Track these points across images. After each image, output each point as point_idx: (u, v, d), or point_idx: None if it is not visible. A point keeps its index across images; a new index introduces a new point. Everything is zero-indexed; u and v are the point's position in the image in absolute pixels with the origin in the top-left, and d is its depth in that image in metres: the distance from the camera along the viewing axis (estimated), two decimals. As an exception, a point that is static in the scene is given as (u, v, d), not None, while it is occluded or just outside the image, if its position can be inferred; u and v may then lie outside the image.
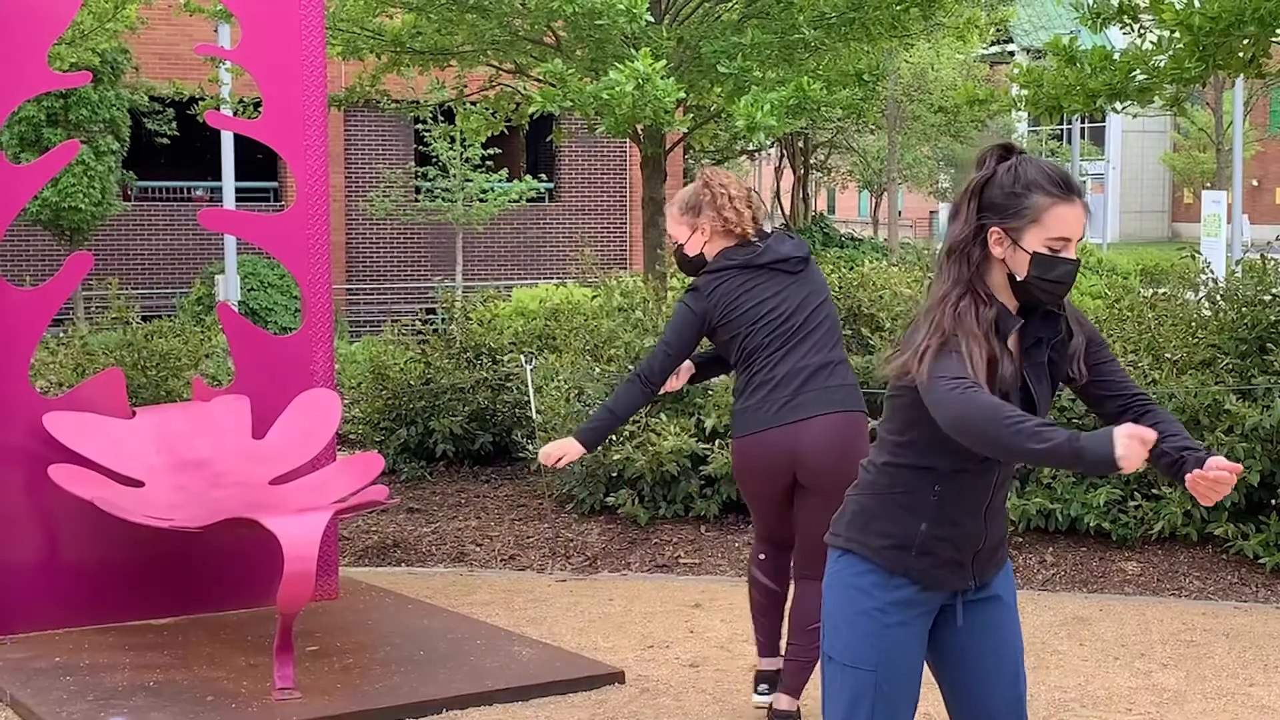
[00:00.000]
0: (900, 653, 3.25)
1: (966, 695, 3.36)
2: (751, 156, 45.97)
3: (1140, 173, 54.84)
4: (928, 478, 3.21)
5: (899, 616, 3.25)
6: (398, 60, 10.90)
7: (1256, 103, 36.43)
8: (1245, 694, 5.60)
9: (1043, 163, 3.15)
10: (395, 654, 5.96)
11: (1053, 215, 3.10)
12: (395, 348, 10.30)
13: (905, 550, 3.24)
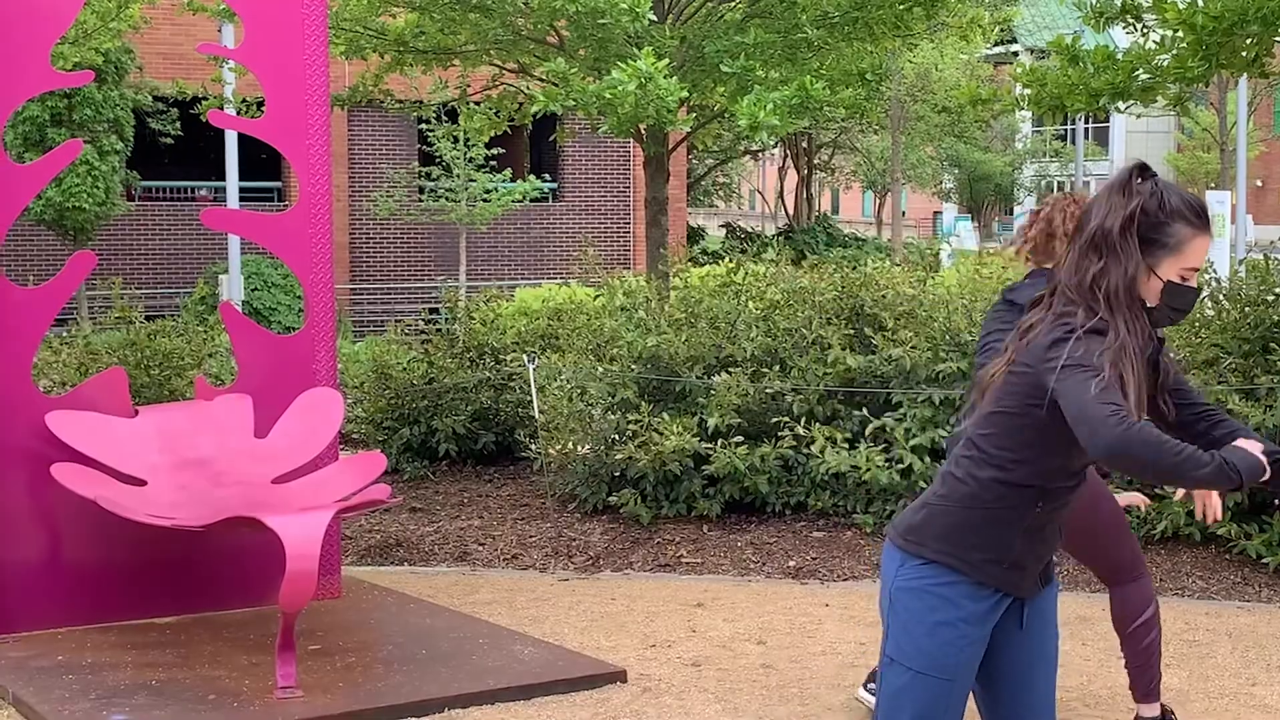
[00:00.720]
0: (973, 664, 3.27)
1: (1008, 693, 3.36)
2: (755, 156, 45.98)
3: (1144, 173, 54.66)
4: (1033, 495, 3.20)
5: (980, 629, 3.25)
6: (401, 60, 10.90)
7: (1260, 103, 36.41)
8: (1248, 694, 5.59)
9: (1182, 190, 3.17)
10: (397, 653, 5.96)
11: (1193, 245, 3.13)
12: (398, 347, 10.31)
13: (999, 564, 3.23)
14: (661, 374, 8.49)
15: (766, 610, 6.81)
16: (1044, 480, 3.19)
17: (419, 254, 24.54)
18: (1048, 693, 3.37)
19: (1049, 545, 3.29)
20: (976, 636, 3.24)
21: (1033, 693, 3.36)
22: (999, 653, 3.35)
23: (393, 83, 12.45)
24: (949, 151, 39.01)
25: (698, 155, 36.61)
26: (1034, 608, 3.35)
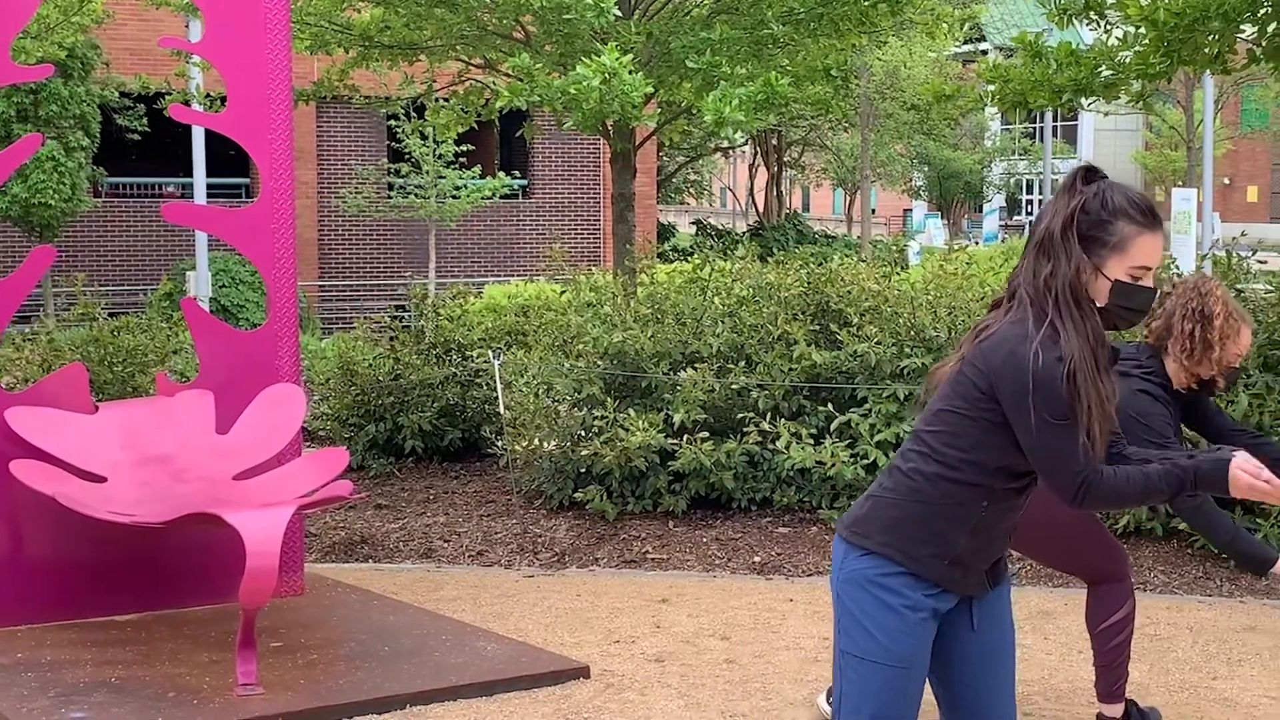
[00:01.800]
0: (923, 651, 3.27)
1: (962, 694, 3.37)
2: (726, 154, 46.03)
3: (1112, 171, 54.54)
4: (979, 494, 3.21)
5: (927, 616, 3.26)
6: (366, 55, 10.86)
7: (1227, 101, 36.61)
8: (1208, 687, 5.62)
9: (1128, 190, 3.16)
10: (360, 650, 5.94)
11: (1139, 244, 3.12)
12: (364, 344, 10.28)
13: (941, 560, 3.24)
14: (627, 370, 8.49)
15: (731, 606, 6.81)
16: (990, 480, 3.20)
17: (388, 251, 24.48)
18: (1005, 692, 3.37)
19: (996, 546, 3.29)
20: (923, 624, 3.25)
21: (990, 693, 3.36)
22: (953, 653, 3.35)
23: (362, 79, 12.42)
24: (918, 149, 39.12)
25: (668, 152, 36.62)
26: (984, 608, 3.35)
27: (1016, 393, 3.06)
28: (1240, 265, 7.78)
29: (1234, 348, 4.68)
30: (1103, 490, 3.07)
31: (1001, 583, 3.38)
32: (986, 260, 14.21)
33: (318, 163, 23.92)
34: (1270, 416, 7.12)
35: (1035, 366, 3.05)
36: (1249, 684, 5.64)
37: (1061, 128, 53.50)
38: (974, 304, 8.33)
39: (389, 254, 24.46)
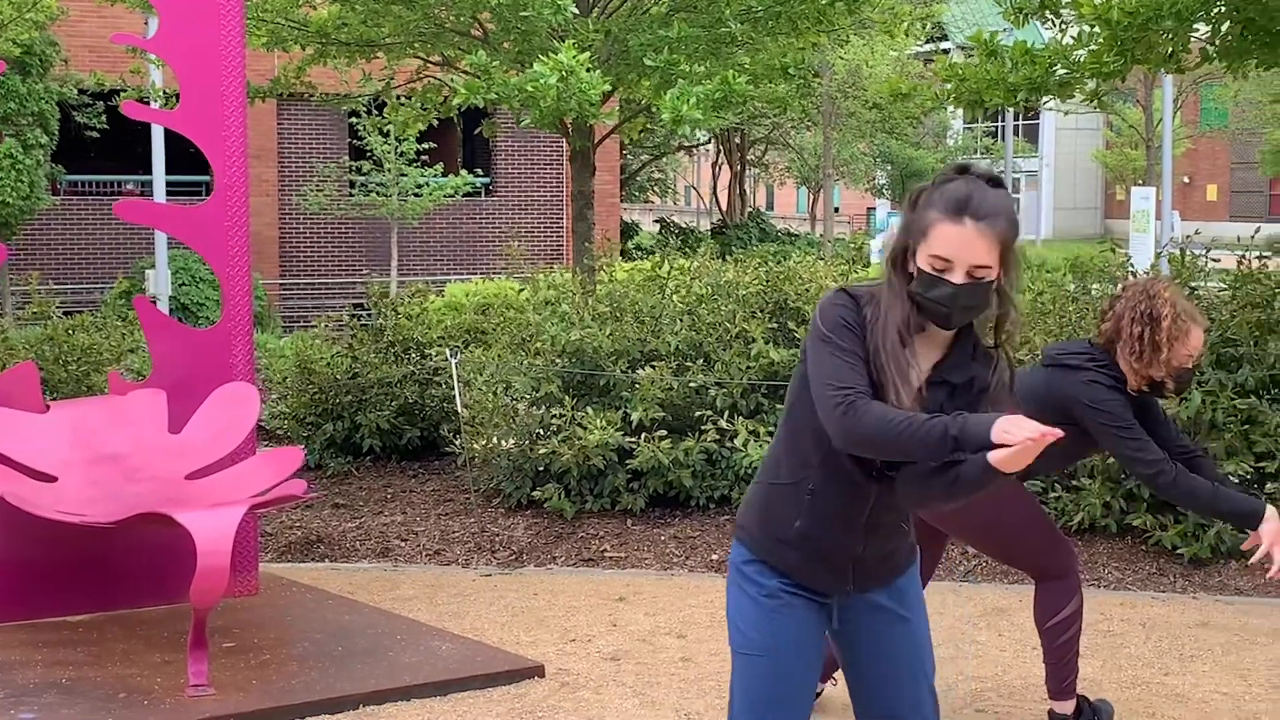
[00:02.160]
0: (787, 636, 3.27)
1: (859, 695, 3.41)
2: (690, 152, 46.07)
3: (1073, 169, 55.38)
4: (806, 472, 3.22)
5: (782, 600, 3.27)
6: (324, 52, 10.82)
7: (1187, 100, 36.86)
8: (1160, 683, 5.64)
9: (961, 186, 3.08)
10: (313, 650, 5.91)
11: (937, 233, 3.05)
12: (322, 342, 10.23)
13: (781, 543, 3.27)
14: (586, 368, 8.48)
15: (688, 604, 6.81)
16: (811, 455, 3.20)
17: (350, 249, 24.40)
18: (902, 693, 3.35)
19: (845, 540, 3.24)
20: (781, 611, 3.26)
21: (873, 708, 3.36)
22: (851, 652, 3.39)
23: (322, 76, 12.36)
24: (881, 148, 39.21)
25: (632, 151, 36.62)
26: (859, 617, 3.32)
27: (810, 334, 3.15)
28: (1194, 263, 7.83)
29: (1182, 349, 4.69)
30: (865, 418, 2.98)
31: (880, 588, 3.32)
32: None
33: (279, 160, 23.81)
34: (1223, 414, 7.16)
35: (821, 303, 3.14)
36: (1201, 680, 5.67)
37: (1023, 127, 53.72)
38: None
39: (350, 252, 24.37)
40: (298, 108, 23.07)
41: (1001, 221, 3.06)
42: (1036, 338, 8.00)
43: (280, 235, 23.97)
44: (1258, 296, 7.54)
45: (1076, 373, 4.73)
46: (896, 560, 3.35)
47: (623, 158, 32.93)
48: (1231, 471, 7.06)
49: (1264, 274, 7.65)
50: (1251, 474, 7.17)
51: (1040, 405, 4.77)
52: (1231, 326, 7.38)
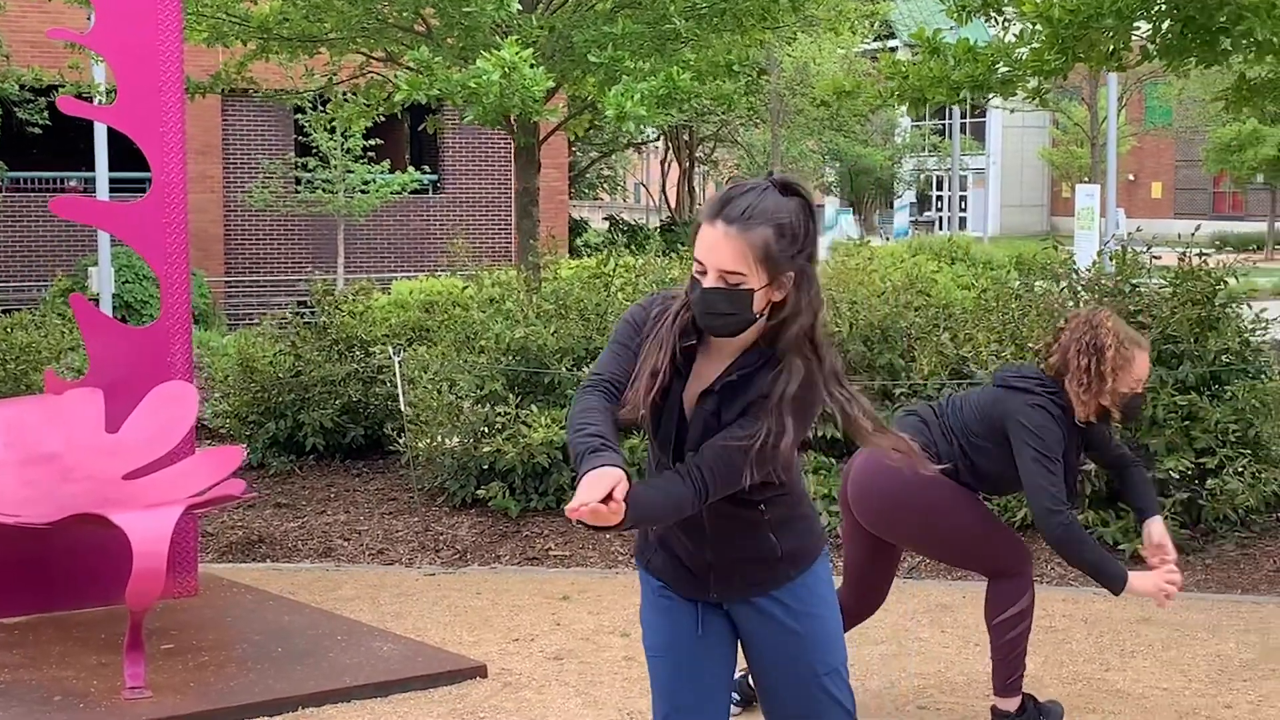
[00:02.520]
0: (678, 638, 3.27)
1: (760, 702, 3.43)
2: (639, 149, 46.05)
3: (1020, 167, 55.72)
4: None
5: (665, 602, 3.30)
6: (265, 48, 10.72)
7: (1131, 98, 37.14)
8: (1101, 679, 5.67)
9: (734, 190, 2.99)
10: (252, 651, 5.86)
11: (698, 234, 2.99)
12: (265, 340, 10.15)
13: (650, 547, 3.31)
14: (530, 366, 8.44)
15: (633, 602, 6.77)
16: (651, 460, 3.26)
17: (296, 246, 24.24)
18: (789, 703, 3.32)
19: (693, 547, 3.21)
20: (668, 611, 3.28)
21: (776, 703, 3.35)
22: (748, 659, 3.39)
23: (268, 72, 12.25)
24: (829, 145, 39.31)
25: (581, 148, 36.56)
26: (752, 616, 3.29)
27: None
28: (1135, 260, 7.87)
29: (1128, 377, 4.73)
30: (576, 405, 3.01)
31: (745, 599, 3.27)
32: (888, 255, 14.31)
33: (223, 157, 23.62)
34: (1164, 410, 7.20)
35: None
36: (1141, 675, 5.70)
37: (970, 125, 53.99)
38: (874, 299, 8.36)
39: (297, 249, 24.21)
40: (243, 104, 22.89)
41: (761, 227, 2.93)
42: (979, 334, 8.03)
43: (225, 232, 23.77)
44: (1198, 293, 7.59)
45: (1024, 395, 4.77)
46: (770, 569, 3.25)
47: (571, 155, 32.88)
48: (1172, 467, 7.11)
49: (1204, 271, 7.70)
50: (1192, 470, 7.22)
51: (986, 424, 4.81)
52: (1172, 323, 7.42)
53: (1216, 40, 7.32)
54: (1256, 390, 7.45)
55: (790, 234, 2.96)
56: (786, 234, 2.95)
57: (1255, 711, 5.28)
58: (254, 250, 24.11)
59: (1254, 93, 8.44)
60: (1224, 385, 7.52)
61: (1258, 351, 7.77)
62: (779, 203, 2.97)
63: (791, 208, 2.98)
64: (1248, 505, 7.30)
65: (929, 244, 27.78)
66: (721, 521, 3.19)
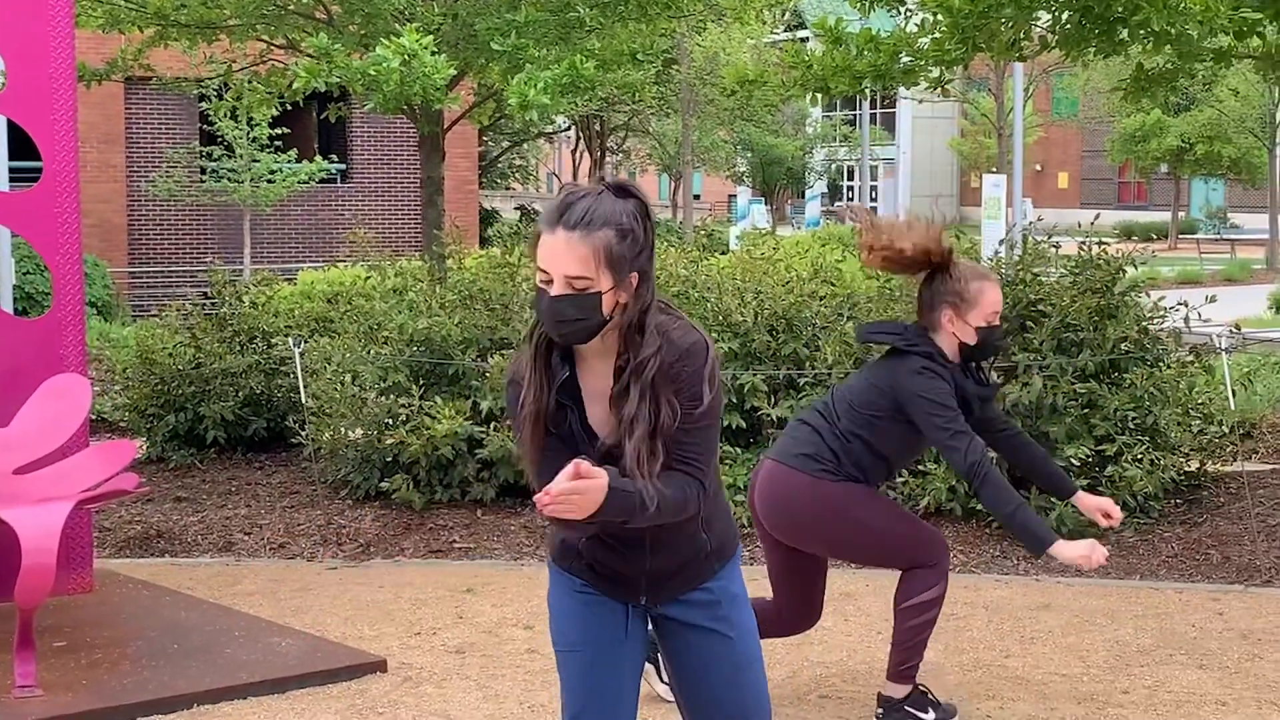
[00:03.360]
0: (594, 636, 3.23)
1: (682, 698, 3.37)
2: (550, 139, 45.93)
3: (930, 158, 56.25)
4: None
5: (587, 598, 3.25)
6: (163, 34, 10.54)
7: (1038, 89, 37.56)
8: (1001, 665, 5.70)
9: (570, 196, 2.97)
10: (148, 648, 5.76)
11: (539, 243, 2.98)
12: (165, 332, 9.99)
13: (571, 553, 3.24)
14: (434, 357, 8.37)
15: (537, 594, 6.73)
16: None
17: (201, 236, 23.91)
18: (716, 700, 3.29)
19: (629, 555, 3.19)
20: (587, 607, 3.23)
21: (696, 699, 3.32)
22: (671, 668, 3.35)
23: (171, 59, 12.06)
24: (741, 135, 39.45)
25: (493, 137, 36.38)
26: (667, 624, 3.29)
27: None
28: (1036, 249, 7.93)
29: (979, 313, 4.77)
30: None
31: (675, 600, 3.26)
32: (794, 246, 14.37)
33: (126, 145, 23.25)
34: (1064, 398, 7.26)
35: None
36: (1041, 662, 5.74)
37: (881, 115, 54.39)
38: (779, 289, 8.37)
39: (202, 239, 23.89)
40: (146, 92, 22.53)
41: (602, 230, 2.93)
42: (883, 324, 8.06)
43: (129, 222, 23.41)
44: (1097, 282, 7.66)
45: (906, 360, 4.78)
46: (699, 565, 3.26)
47: (482, 144, 32.72)
48: (1072, 454, 7.17)
49: (1103, 260, 7.78)
50: (1092, 457, 7.29)
51: (880, 395, 4.81)
52: (1072, 312, 7.48)
53: (1114, 30, 7.39)
54: (1154, 378, 7.54)
55: (630, 236, 2.98)
56: (627, 236, 2.97)
57: (1152, 696, 5.34)
58: (159, 240, 23.77)
59: (1152, 82, 8.54)
60: (1123, 373, 7.60)
61: (1156, 339, 7.86)
62: (616, 205, 2.98)
63: (629, 209, 2.99)
64: (1146, 492, 7.39)
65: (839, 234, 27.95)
66: (664, 530, 3.16)
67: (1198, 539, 7.35)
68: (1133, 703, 5.27)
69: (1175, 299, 8.34)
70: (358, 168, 25.08)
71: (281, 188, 21.86)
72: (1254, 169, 36.85)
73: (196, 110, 22.77)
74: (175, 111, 23.49)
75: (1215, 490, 8.11)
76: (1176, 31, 7.05)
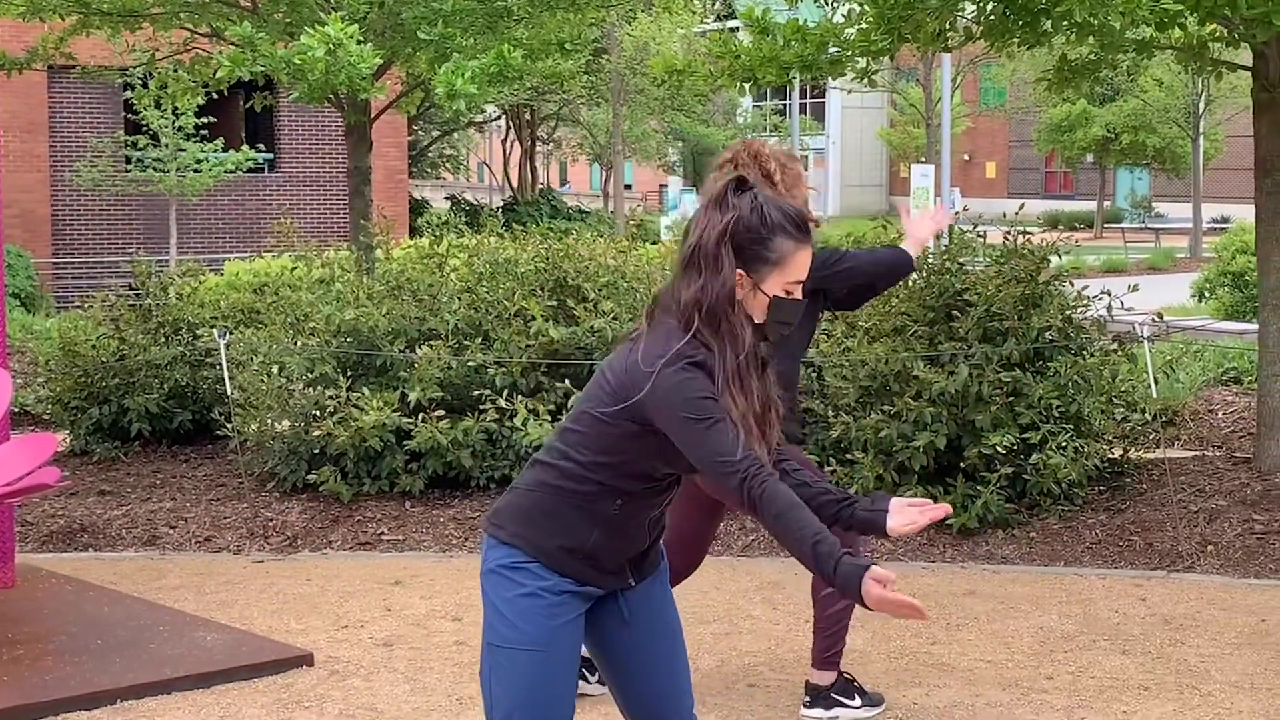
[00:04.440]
0: (564, 636, 3.20)
1: (630, 684, 3.34)
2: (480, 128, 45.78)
3: (859, 147, 56.50)
4: (613, 493, 3.16)
5: (564, 601, 3.20)
6: (85, 22, 10.39)
7: (966, 79, 37.81)
8: (927, 653, 5.74)
9: (782, 203, 3.08)
10: (71, 644, 5.69)
11: (795, 259, 3.08)
12: (93, 323, 9.87)
13: (572, 554, 3.19)
14: (362, 348, 8.32)
15: (466, 586, 6.72)
16: (625, 483, 3.16)
17: (127, 226, 23.63)
18: (674, 677, 3.34)
19: (635, 539, 3.24)
20: (560, 606, 3.18)
21: (658, 678, 3.32)
22: (612, 648, 3.33)
23: (94, 47, 11.88)
24: (672, 125, 39.45)
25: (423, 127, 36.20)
26: (637, 599, 3.31)
27: (661, 406, 3.01)
28: (962, 239, 7.98)
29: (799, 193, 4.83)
30: (769, 494, 2.95)
31: (653, 574, 3.34)
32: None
33: (49, 135, 22.92)
34: (989, 387, 7.32)
35: (672, 380, 3.00)
36: (967, 649, 5.79)
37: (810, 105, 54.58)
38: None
39: (128, 229, 23.60)
40: (70, 81, 22.22)
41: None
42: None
43: (53, 213, 23.09)
44: (1022, 271, 7.72)
45: None
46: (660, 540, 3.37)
47: (412, 134, 32.54)
48: (997, 443, 7.23)
49: (1028, 249, 7.84)
50: (1017, 445, 7.35)
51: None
52: (997, 301, 7.54)
53: (1038, 21, 7.45)
54: (1078, 366, 7.61)
55: None
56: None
57: (1075, 681, 5.40)
58: (83, 231, 23.47)
59: (1075, 73, 8.61)
60: (1047, 361, 7.67)
61: (1080, 328, 7.94)
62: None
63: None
64: (1070, 479, 7.46)
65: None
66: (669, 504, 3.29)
67: (1121, 525, 7.44)
68: (1057, 688, 5.33)
69: (1100, 288, 8.43)
70: (286, 157, 24.87)
71: (208, 177, 21.63)
72: (1178, 159, 37.26)
73: (121, 99, 22.52)
74: (99, 100, 23.20)
75: (1138, 477, 8.20)
76: (1099, 23, 7.12)
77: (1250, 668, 5.54)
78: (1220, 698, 5.22)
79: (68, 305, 20.79)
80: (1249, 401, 10.05)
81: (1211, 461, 8.55)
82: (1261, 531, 7.28)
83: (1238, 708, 5.13)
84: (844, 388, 7.53)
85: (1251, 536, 7.22)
